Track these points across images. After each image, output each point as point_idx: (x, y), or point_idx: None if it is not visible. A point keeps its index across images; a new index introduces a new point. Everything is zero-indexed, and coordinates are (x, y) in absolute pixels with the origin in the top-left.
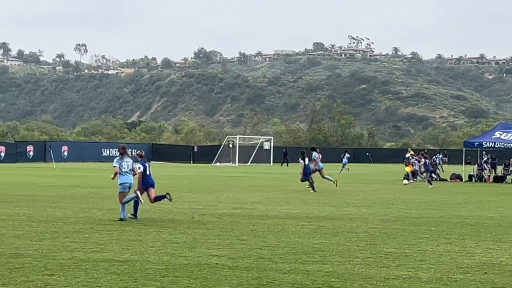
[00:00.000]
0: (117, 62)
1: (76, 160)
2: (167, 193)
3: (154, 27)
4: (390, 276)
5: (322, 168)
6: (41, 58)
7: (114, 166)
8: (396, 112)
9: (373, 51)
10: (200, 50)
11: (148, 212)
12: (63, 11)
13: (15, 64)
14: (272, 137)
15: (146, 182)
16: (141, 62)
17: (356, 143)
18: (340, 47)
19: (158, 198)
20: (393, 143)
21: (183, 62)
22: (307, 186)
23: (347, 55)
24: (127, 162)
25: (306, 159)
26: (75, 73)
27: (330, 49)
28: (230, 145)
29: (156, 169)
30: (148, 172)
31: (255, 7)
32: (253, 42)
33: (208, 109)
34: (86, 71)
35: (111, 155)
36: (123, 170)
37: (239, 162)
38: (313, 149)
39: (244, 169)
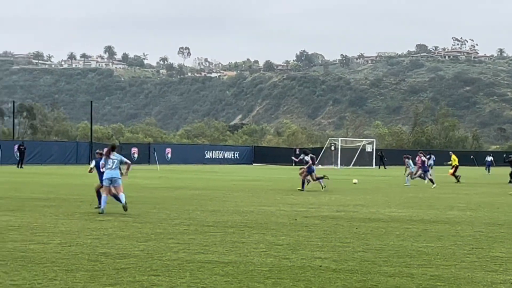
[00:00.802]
0: (220, 65)
1: (179, 162)
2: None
3: (257, 30)
4: (497, 280)
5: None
6: (145, 62)
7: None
8: (501, 114)
9: (477, 53)
10: (302, 53)
11: (251, 214)
12: (167, 15)
13: (120, 68)
14: (374, 140)
15: (101, 178)
16: (243, 65)
17: (460, 146)
18: (444, 49)
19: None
20: (498, 146)
21: (285, 64)
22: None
23: (451, 56)
24: (114, 159)
25: (307, 157)
26: (178, 76)
27: (433, 50)
28: (332, 148)
29: (258, 171)
30: (102, 169)
31: (357, 9)
32: (355, 44)
33: (310, 111)
34: (189, 74)
35: (214, 157)
36: (109, 166)
37: (341, 164)
38: (306, 153)
39: (346, 172)
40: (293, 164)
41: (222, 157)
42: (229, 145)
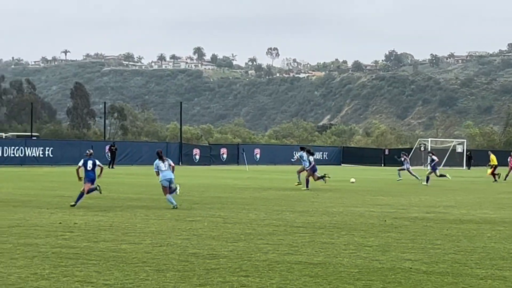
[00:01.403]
0: (308, 65)
1: (268, 163)
2: (97, 185)
3: (345, 30)
4: None
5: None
6: (234, 62)
7: (155, 171)
8: None
9: None
10: (391, 53)
11: (340, 215)
12: (256, 16)
13: (209, 69)
14: (465, 140)
15: (86, 176)
16: (332, 65)
17: None
18: None
19: (90, 190)
20: None
21: (374, 64)
22: (296, 184)
23: None
24: (166, 163)
25: (311, 157)
26: (267, 77)
27: None
28: (422, 148)
29: (346, 171)
30: (89, 168)
31: (447, 8)
32: (445, 44)
33: (399, 111)
34: (277, 74)
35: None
36: (163, 168)
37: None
38: (303, 149)
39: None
40: (382, 165)
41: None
42: (318, 145)
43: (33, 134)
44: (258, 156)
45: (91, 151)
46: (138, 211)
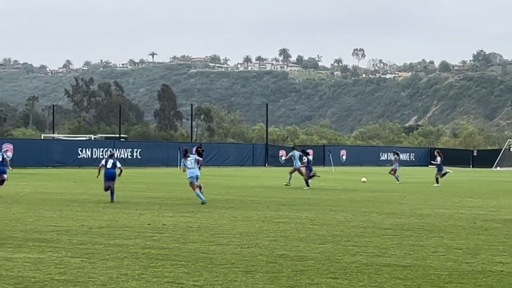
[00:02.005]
0: (394, 66)
1: (354, 164)
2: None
3: (432, 30)
4: None
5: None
6: (320, 64)
7: (183, 165)
8: None
9: None
10: (479, 53)
11: (428, 217)
12: (342, 17)
13: (294, 70)
14: None
15: (105, 173)
16: (418, 66)
17: None
18: None
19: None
20: None
21: (462, 64)
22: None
23: None
24: (191, 159)
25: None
26: (352, 78)
27: None
28: (511, 149)
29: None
30: (108, 166)
31: None
32: None
33: (488, 112)
34: (363, 75)
35: (388, 159)
36: (189, 166)
37: None
38: (294, 149)
39: None
40: (470, 166)
41: None
42: (405, 146)
43: (121, 135)
44: (344, 157)
45: (113, 151)
46: (226, 213)
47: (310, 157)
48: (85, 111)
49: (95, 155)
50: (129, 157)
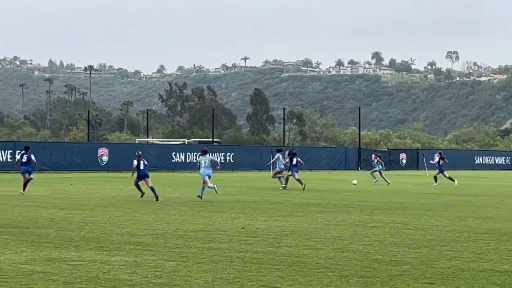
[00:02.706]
0: (489, 68)
1: (448, 168)
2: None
3: None
4: None
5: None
6: (413, 67)
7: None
8: None
9: None
10: None
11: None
12: (435, 19)
13: (387, 73)
14: None
15: (139, 174)
16: None
17: None
18: None
19: (153, 189)
20: None
21: None
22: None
23: None
24: (205, 159)
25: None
26: (446, 81)
27: None
28: None
29: None
30: (142, 167)
31: None
32: None
33: None
34: (457, 78)
35: (484, 162)
36: (203, 165)
37: None
38: (280, 151)
39: None
40: None
41: (493, 162)
42: (500, 150)
43: (214, 140)
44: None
45: (140, 152)
46: (319, 217)
47: (299, 159)
48: (178, 115)
49: (188, 159)
50: (222, 161)
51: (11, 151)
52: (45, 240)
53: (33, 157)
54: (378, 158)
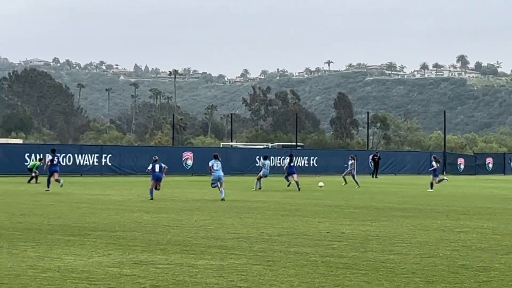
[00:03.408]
0: None
1: None
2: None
3: None
4: None
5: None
6: (499, 70)
7: (210, 166)
8: None
9: None
10: None
11: None
12: None
13: (472, 77)
14: None
15: (154, 176)
16: None
17: None
18: None
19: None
20: None
21: None
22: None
23: None
24: (218, 163)
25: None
26: None
27: None
28: None
29: None
30: (157, 170)
31: None
32: None
33: None
34: None
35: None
36: (216, 168)
37: None
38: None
39: None
40: None
41: None
42: None
43: (298, 144)
44: None
45: (157, 157)
46: (404, 221)
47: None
48: (262, 119)
49: (272, 163)
50: (306, 165)
51: (97, 155)
52: (132, 243)
53: (57, 159)
54: (353, 160)
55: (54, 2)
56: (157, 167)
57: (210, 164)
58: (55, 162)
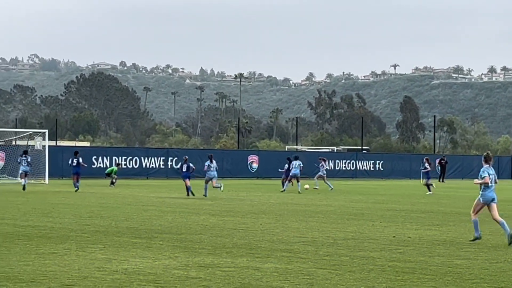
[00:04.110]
0: None
1: None
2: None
3: None
4: None
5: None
6: None
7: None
8: None
9: None
10: None
11: None
12: None
13: None
14: None
15: (183, 175)
16: None
17: None
18: None
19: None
20: None
21: None
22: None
23: None
24: (212, 164)
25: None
26: None
27: None
28: None
29: None
30: (184, 169)
31: None
32: None
33: None
34: None
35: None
36: (211, 168)
37: None
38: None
39: None
40: None
41: None
42: None
43: (363, 147)
44: None
45: (187, 157)
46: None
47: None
48: (327, 123)
49: (337, 167)
50: (371, 169)
51: (163, 158)
52: (198, 246)
53: (80, 160)
54: (322, 162)
55: (122, 6)
56: (184, 167)
57: (206, 164)
58: (74, 164)
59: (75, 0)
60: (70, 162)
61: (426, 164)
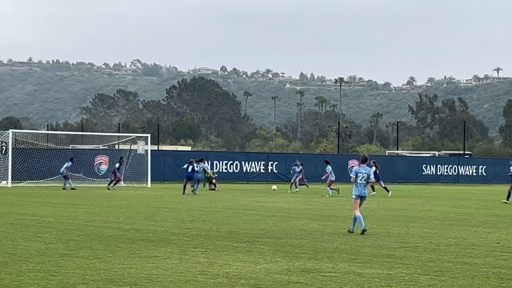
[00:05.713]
0: None
1: None
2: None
3: None
4: None
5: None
6: None
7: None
8: None
9: None
10: None
11: None
12: None
13: None
14: None
15: (188, 175)
16: None
17: None
18: None
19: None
20: None
21: None
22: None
23: None
24: (200, 166)
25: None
26: None
27: None
28: None
29: None
30: (189, 170)
31: None
32: None
33: None
34: None
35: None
36: (197, 170)
37: None
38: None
39: None
40: None
41: None
42: None
43: (465, 152)
44: None
45: (193, 159)
46: None
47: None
48: (428, 127)
49: (439, 171)
50: (474, 174)
51: (263, 162)
52: (299, 250)
53: (195, 166)
54: (300, 165)
55: (223, 12)
56: (190, 168)
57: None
58: (116, 167)
59: (177, 6)
60: (185, 167)
61: (373, 167)
